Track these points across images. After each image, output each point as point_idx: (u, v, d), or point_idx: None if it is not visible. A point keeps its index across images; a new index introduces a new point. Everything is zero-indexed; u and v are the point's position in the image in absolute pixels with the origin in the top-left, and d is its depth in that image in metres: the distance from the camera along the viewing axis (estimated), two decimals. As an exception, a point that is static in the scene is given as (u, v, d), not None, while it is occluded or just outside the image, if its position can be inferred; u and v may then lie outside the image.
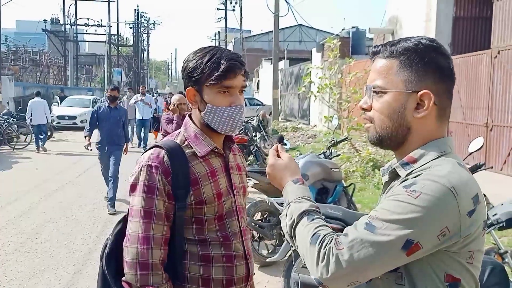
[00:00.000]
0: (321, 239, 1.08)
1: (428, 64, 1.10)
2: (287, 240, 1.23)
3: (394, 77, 1.12)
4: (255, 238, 4.53)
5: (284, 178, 1.30)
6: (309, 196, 1.24)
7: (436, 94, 1.10)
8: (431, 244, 1.01)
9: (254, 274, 1.80)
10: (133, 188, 1.46)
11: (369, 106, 1.17)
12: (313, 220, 1.15)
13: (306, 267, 1.12)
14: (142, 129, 13.64)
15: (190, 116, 1.60)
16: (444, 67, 1.12)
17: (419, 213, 0.99)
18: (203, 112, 1.51)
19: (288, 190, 1.27)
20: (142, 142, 13.53)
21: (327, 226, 1.14)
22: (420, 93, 1.10)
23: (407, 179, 1.08)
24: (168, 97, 19.45)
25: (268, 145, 11.14)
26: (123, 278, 1.43)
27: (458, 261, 1.05)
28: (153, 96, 20.18)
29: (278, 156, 1.36)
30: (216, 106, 1.48)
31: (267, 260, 4.26)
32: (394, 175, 1.16)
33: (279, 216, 1.27)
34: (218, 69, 1.44)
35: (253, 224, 4.45)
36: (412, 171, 1.10)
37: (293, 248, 1.26)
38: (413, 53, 1.11)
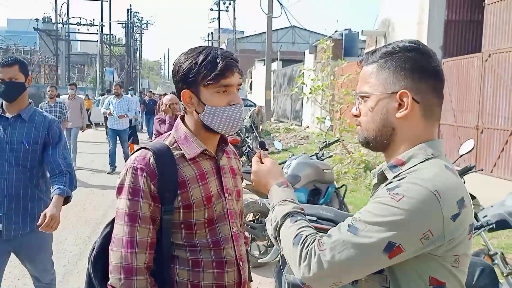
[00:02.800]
0: (303, 240, 1.09)
1: (405, 64, 1.11)
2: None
3: (374, 81, 1.15)
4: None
5: (269, 183, 1.32)
6: (293, 198, 1.26)
7: (417, 92, 1.11)
8: (414, 247, 1.01)
9: (251, 281, 1.76)
10: (119, 190, 1.44)
11: (359, 112, 1.20)
12: (296, 221, 1.16)
13: None
14: (117, 144, 9.68)
15: (182, 117, 1.56)
16: (425, 66, 1.12)
17: (401, 216, 0.99)
18: (202, 114, 1.46)
19: (272, 194, 1.29)
20: (124, 158, 9.41)
21: (310, 227, 1.15)
22: (398, 93, 1.11)
23: (392, 182, 1.08)
24: (146, 97, 17.73)
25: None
26: (108, 282, 1.41)
27: (443, 265, 1.05)
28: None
29: (262, 162, 1.38)
30: (216, 106, 1.44)
31: (259, 261, 4.26)
32: (383, 178, 1.16)
33: (265, 219, 1.29)
34: (215, 68, 1.41)
35: (245, 225, 4.45)
36: (399, 173, 1.10)
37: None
38: (390, 56, 1.13)
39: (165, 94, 18.21)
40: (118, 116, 9.52)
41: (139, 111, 16.12)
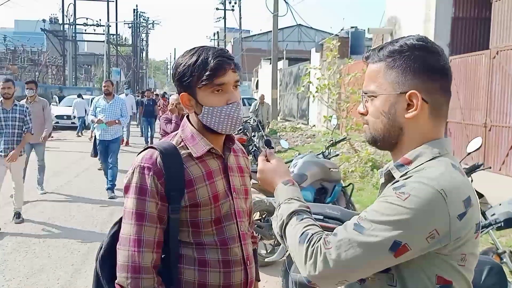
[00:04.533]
0: (309, 238, 1.10)
1: (414, 63, 1.09)
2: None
3: (382, 80, 1.13)
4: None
5: (275, 181, 1.33)
6: (299, 197, 1.26)
7: (426, 92, 1.09)
8: (420, 246, 1.01)
9: (259, 280, 1.76)
10: (126, 189, 1.45)
11: (366, 110, 1.19)
12: (302, 220, 1.17)
13: None
14: (109, 155, 7.49)
15: (188, 117, 1.57)
16: (434, 65, 1.10)
17: (407, 215, 0.99)
18: (200, 115, 1.48)
19: (278, 192, 1.29)
20: (109, 180, 7.48)
21: (316, 225, 1.16)
22: (408, 93, 1.09)
23: (399, 181, 1.08)
24: (143, 96, 16.93)
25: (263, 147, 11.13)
26: (116, 281, 1.42)
27: (449, 263, 1.05)
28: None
29: (268, 160, 1.39)
30: (213, 107, 1.45)
31: (266, 260, 4.26)
32: (390, 177, 1.16)
33: (271, 218, 1.29)
34: (206, 69, 1.42)
35: (253, 223, 4.45)
36: (406, 172, 1.09)
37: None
38: (398, 55, 1.11)
39: (162, 95, 18.02)
40: (106, 123, 7.28)
41: (134, 113, 15.59)
